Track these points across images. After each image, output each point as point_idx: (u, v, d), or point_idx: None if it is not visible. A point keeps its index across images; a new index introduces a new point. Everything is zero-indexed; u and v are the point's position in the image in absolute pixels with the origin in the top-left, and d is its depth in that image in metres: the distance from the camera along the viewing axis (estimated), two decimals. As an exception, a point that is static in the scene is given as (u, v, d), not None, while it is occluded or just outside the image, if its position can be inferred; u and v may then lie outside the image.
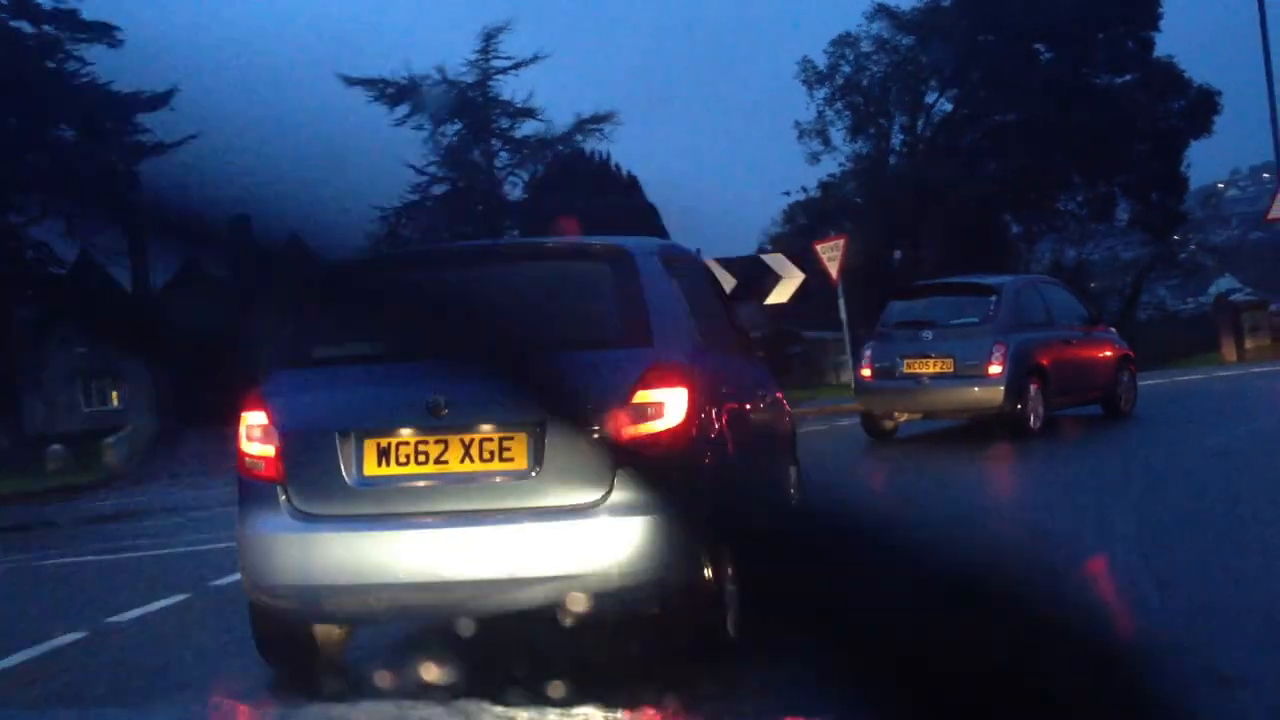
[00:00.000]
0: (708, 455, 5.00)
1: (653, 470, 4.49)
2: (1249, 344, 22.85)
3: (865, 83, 40.93)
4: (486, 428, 4.60)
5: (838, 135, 41.26)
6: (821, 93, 41.38)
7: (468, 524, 4.61)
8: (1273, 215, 22.24)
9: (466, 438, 4.61)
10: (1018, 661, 1.91)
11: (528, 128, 35.33)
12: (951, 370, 12.60)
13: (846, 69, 41.46)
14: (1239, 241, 44.18)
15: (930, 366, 12.71)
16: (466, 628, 4.62)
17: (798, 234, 39.52)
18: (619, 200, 34.75)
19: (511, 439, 4.60)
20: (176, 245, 2.80)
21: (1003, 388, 12.38)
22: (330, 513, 4.71)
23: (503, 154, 35.22)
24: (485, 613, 4.60)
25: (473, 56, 34.67)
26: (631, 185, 37.86)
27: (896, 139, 41.54)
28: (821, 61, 41.11)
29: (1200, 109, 36.56)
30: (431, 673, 4.53)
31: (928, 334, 12.89)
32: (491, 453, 4.62)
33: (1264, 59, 23.17)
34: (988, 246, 38.46)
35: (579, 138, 35.17)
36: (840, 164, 41.54)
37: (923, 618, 2.18)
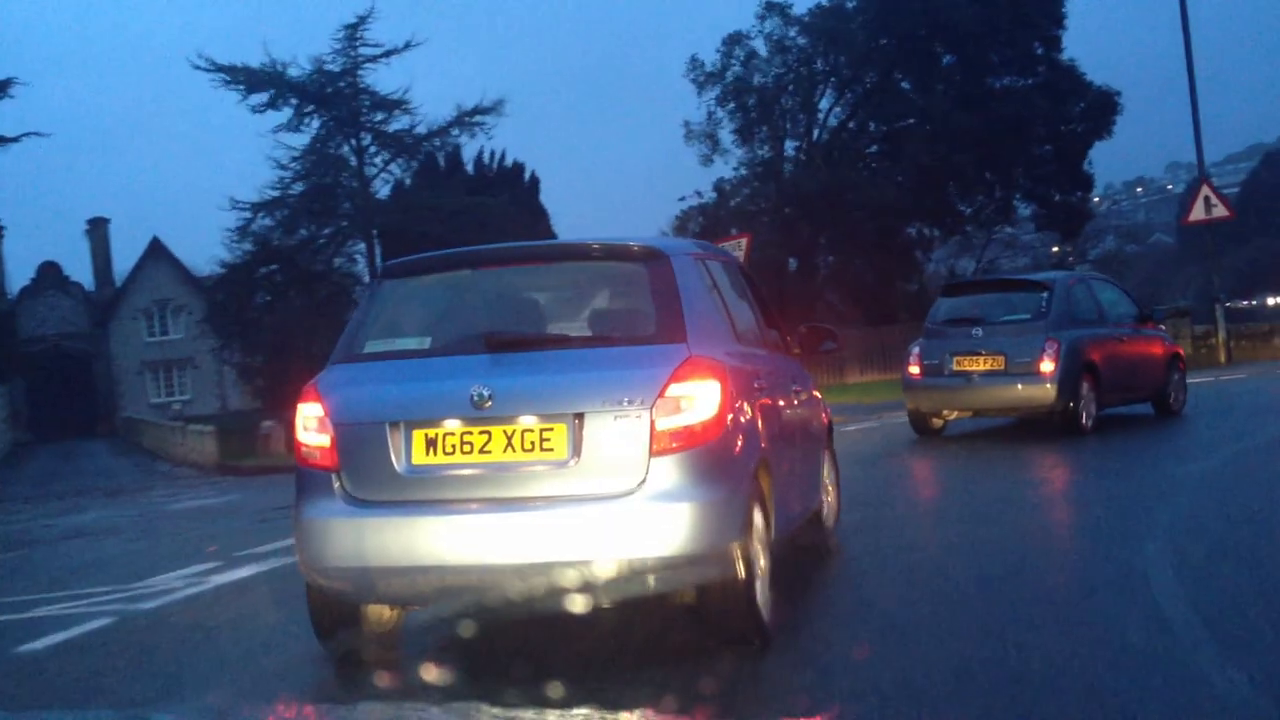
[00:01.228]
0: (740, 446, 5.09)
1: (686, 460, 4.75)
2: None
3: (757, 83, 39.25)
4: (528, 419, 4.79)
5: (728, 138, 39.56)
6: (712, 93, 39.67)
7: (510, 510, 4.77)
8: (1193, 218, 20.95)
9: (509, 429, 4.80)
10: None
11: (402, 122, 32.75)
12: (1002, 368, 12.39)
13: (737, 69, 39.76)
14: (1115, 253, 44.08)
15: (980, 364, 12.52)
16: (490, 620, 5.12)
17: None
18: (502, 199, 32.43)
19: (551, 430, 4.78)
20: None
21: (1055, 385, 12.13)
22: (381, 499, 4.91)
23: (373, 149, 32.52)
24: (527, 595, 4.77)
25: (338, 43, 32.01)
26: (515, 183, 35.50)
27: (792, 143, 39.87)
28: (711, 61, 39.35)
29: (1100, 111, 35.62)
30: (430, 673, 4.90)
31: (977, 331, 12.66)
32: (533, 443, 4.78)
33: (1186, 65, 21.81)
34: (888, 253, 37.08)
35: (456, 131, 32.66)
36: (734, 168, 39.79)
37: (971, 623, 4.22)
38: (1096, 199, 38.33)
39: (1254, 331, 22.71)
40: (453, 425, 4.87)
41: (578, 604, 4.75)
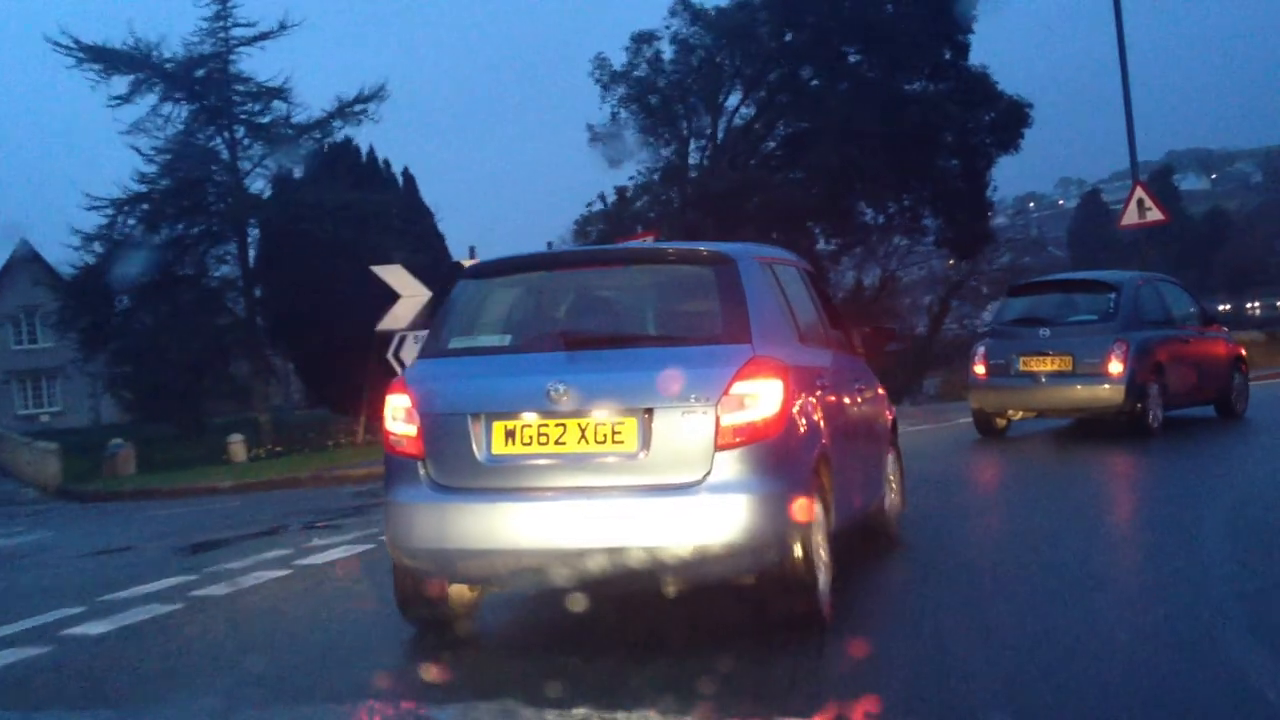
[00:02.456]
0: (801, 441, 5.33)
1: (749, 454, 5.00)
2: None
3: (663, 84, 37.66)
4: (600, 413, 5.03)
5: (633, 139, 37.87)
6: (617, 93, 37.96)
7: (582, 498, 5.01)
8: (1125, 222, 19.75)
9: (583, 422, 5.05)
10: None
11: (280, 111, 30.23)
12: (1070, 369, 12.33)
13: (644, 68, 38.14)
14: (1011, 266, 43.74)
15: (1048, 364, 12.43)
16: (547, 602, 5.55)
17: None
18: (385, 197, 30.16)
19: (623, 424, 5.02)
20: None
21: (1124, 387, 12.07)
22: (463, 486, 5.17)
23: (247, 141, 29.95)
24: (597, 578, 5.00)
25: (206, 23, 29.40)
26: (388, 177, 33.23)
27: (697, 145, 38.30)
28: (618, 60, 37.64)
29: (1010, 121, 34.61)
30: (431, 673, 5.10)
31: (1045, 331, 12.58)
32: (605, 436, 5.03)
33: (1121, 69, 20.66)
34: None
35: (337, 123, 30.28)
36: (636, 174, 38.10)
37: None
38: (989, 213, 37.22)
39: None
40: (530, 418, 5.10)
41: (643, 589, 5.11)
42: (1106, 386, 12.17)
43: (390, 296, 16.90)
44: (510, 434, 5.13)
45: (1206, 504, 8.51)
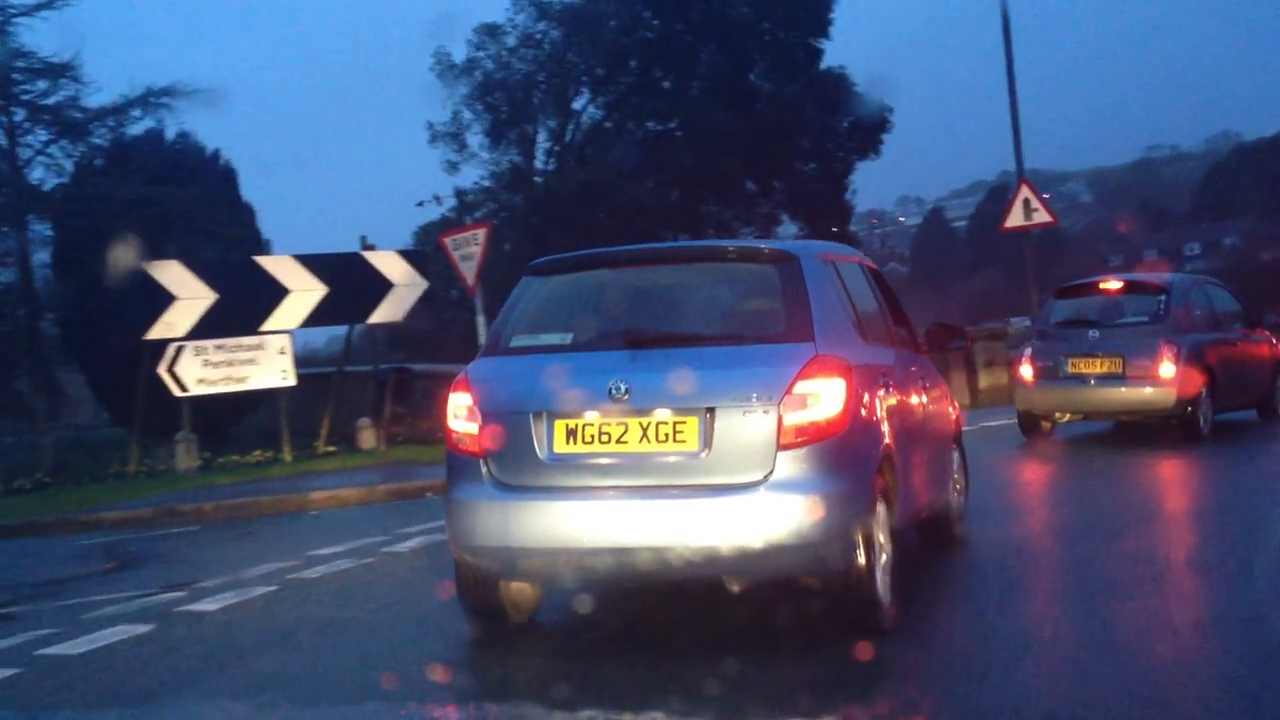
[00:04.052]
0: (864, 441, 5.34)
1: (811, 454, 4.99)
2: (984, 382, 18.57)
3: (508, 80, 35.32)
4: (662, 412, 5.07)
5: (477, 140, 35.42)
6: (460, 90, 35.49)
7: (644, 497, 5.04)
8: (1011, 223, 18.18)
9: (644, 421, 5.08)
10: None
11: (69, 92, 26.60)
12: (1120, 371, 12.31)
13: (488, 64, 35.73)
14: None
15: (1097, 366, 12.41)
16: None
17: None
18: (192, 192, 26.87)
19: (684, 423, 5.04)
20: None
21: (1175, 389, 12.03)
22: (525, 484, 5.21)
23: (28, 124, 26.30)
24: (657, 577, 5.09)
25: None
26: (209, 174, 29.93)
27: (544, 146, 36.01)
28: (461, 54, 35.14)
29: (869, 125, 33.33)
30: (437, 673, 5.08)
31: (1094, 333, 12.56)
32: (666, 435, 5.05)
33: (1007, 74, 19.19)
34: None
35: (138, 112, 26.87)
36: (482, 176, 35.56)
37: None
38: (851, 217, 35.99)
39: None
40: (592, 416, 5.14)
41: (704, 587, 5.24)
42: (1157, 389, 12.07)
43: (165, 299, 14.18)
44: (572, 433, 5.15)
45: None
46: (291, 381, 15.16)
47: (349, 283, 15.35)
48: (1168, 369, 12.05)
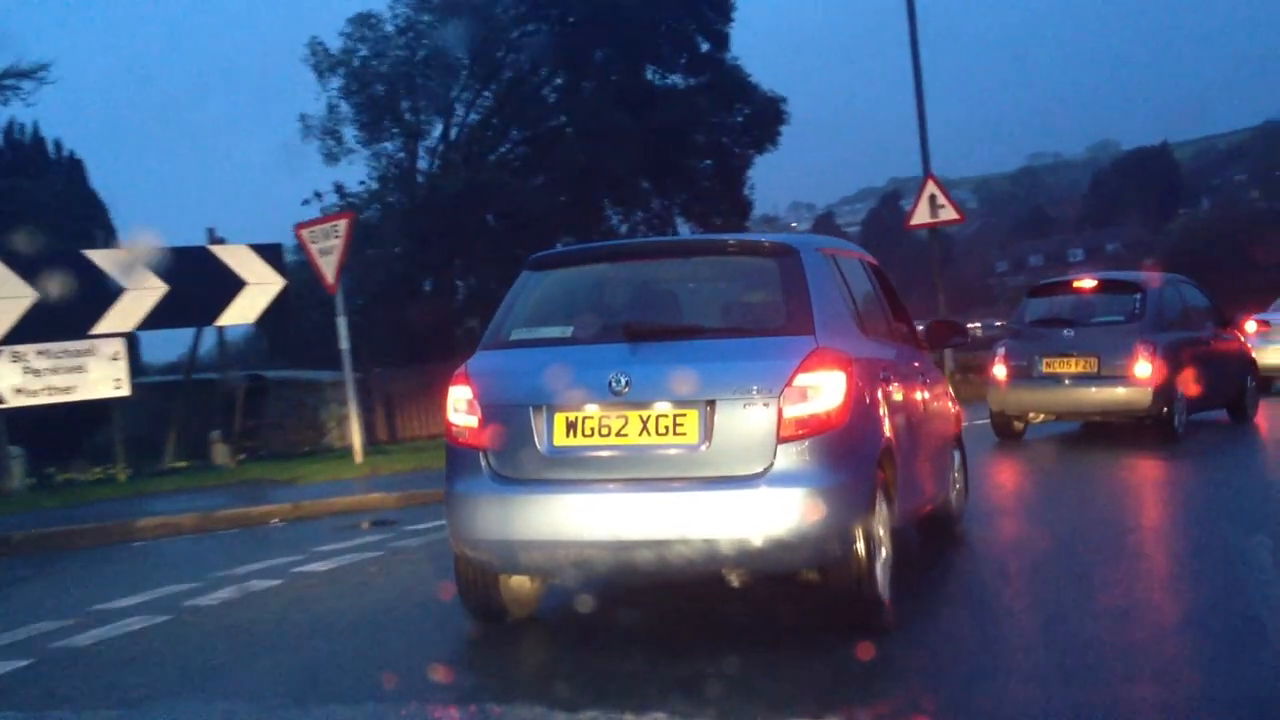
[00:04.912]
0: (864, 435, 5.32)
1: (811, 447, 4.98)
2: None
3: (386, 72, 33.51)
4: (662, 405, 5.07)
5: (353, 135, 33.51)
6: (335, 82, 33.53)
7: (644, 490, 5.03)
8: (916, 220, 17.22)
9: (644, 414, 5.07)
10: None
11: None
12: (1095, 370, 12.22)
13: (365, 55, 33.86)
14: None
15: (1072, 366, 12.32)
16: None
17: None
18: (46, 184, 24.81)
19: (684, 415, 5.04)
20: None
21: (1151, 390, 11.94)
22: (525, 477, 5.19)
23: None
24: (657, 570, 5.04)
25: None
26: (54, 166, 27.74)
27: (426, 144, 34.28)
28: (336, 44, 33.22)
29: (766, 120, 32.25)
30: (439, 673, 4.98)
31: (1069, 332, 12.45)
32: (666, 428, 5.04)
33: (913, 65, 18.23)
34: (536, 271, 32.16)
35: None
36: (366, 177, 33.72)
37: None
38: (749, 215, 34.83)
39: (971, 363, 19.36)
40: (592, 409, 5.13)
41: (706, 583, 5.24)
42: (1133, 389, 11.95)
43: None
44: (572, 425, 5.15)
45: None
46: (125, 391, 13.43)
47: (194, 281, 13.69)
48: (1144, 368, 11.91)
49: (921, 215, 16.97)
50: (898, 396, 6.01)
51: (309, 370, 21.15)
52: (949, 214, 16.89)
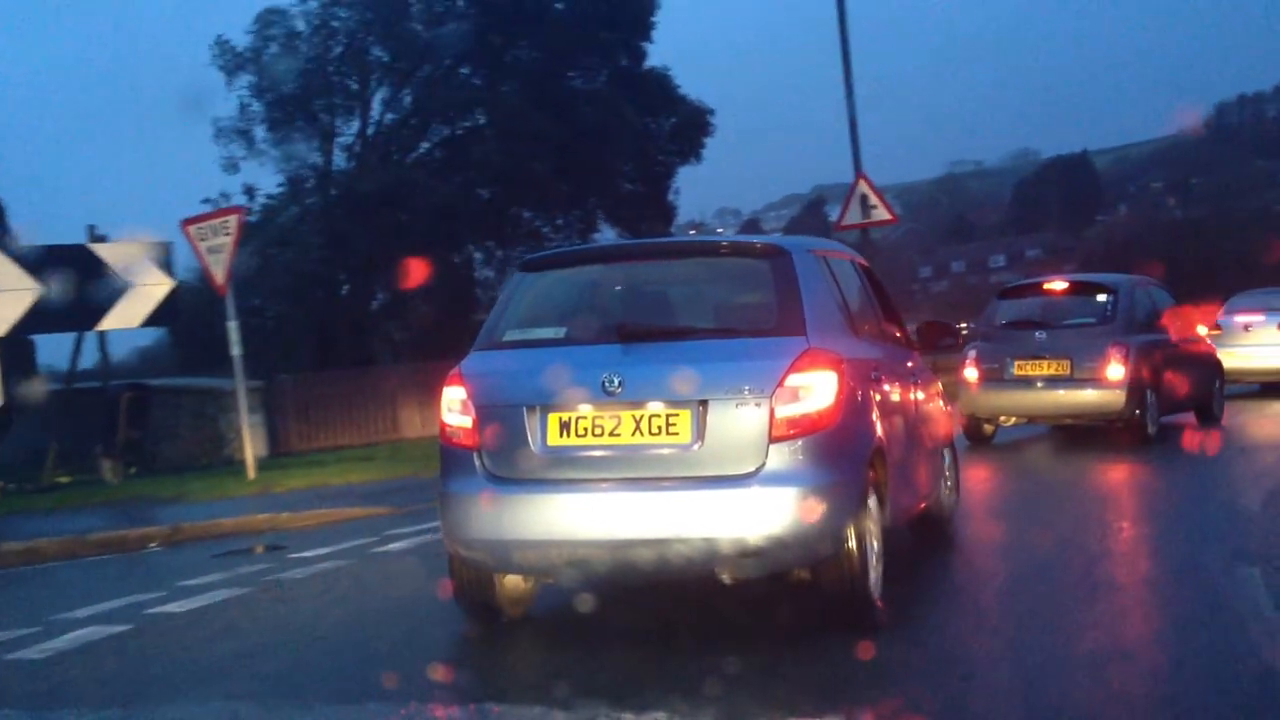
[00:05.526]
0: (855, 434, 5.37)
1: (803, 446, 5.02)
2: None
3: (298, 70, 32.28)
4: (655, 405, 5.12)
5: (264, 135, 32.17)
6: (244, 81, 32.18)
7: (637, 489, 5.07)
8: (847, 222, 16.62)
9: (637, 414, 5.12)
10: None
11: None
12: (1068, 373, 12.08)
13: (275, 52, 32.57)
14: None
15: (1044, 368, 12.19)
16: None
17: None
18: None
19: (677, 415, 5.09)
20: None
21: (1124, 392, 11.87)
22: (518, 477, 5.23)
23: None
24: (651, 569, 5.09)
25: None
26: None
27: (342, 144, 33.05)
28: (243, 41, 31.90)
29: (692, 128, 31.62)
30: (439, 672, 4.98)
31: (1040, 335, 12.31)
32: (659, 427, 5.09)
33: (844, 67, 17.69)
34: (455, 277, 31.19)
35: None
36: (278, 178, 32.43)
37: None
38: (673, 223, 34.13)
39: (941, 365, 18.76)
40: (585, 409, 5.17)
41: (702, 583, 5.23)
42: (1106, 391, 11.84)
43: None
44: (565, 425, 5.17)
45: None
46: (-2, 401, 12.28)
47: (72, 281, 12.58)
48: (1116, 370, 11.78)
49: (853, 216, 16.36)
50: (889, 397, 6.05)
51: (211, 377, 19.97)
52: (881, 215, 16.30)
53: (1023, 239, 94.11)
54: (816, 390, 5.06)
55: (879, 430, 5.62)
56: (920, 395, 6.90)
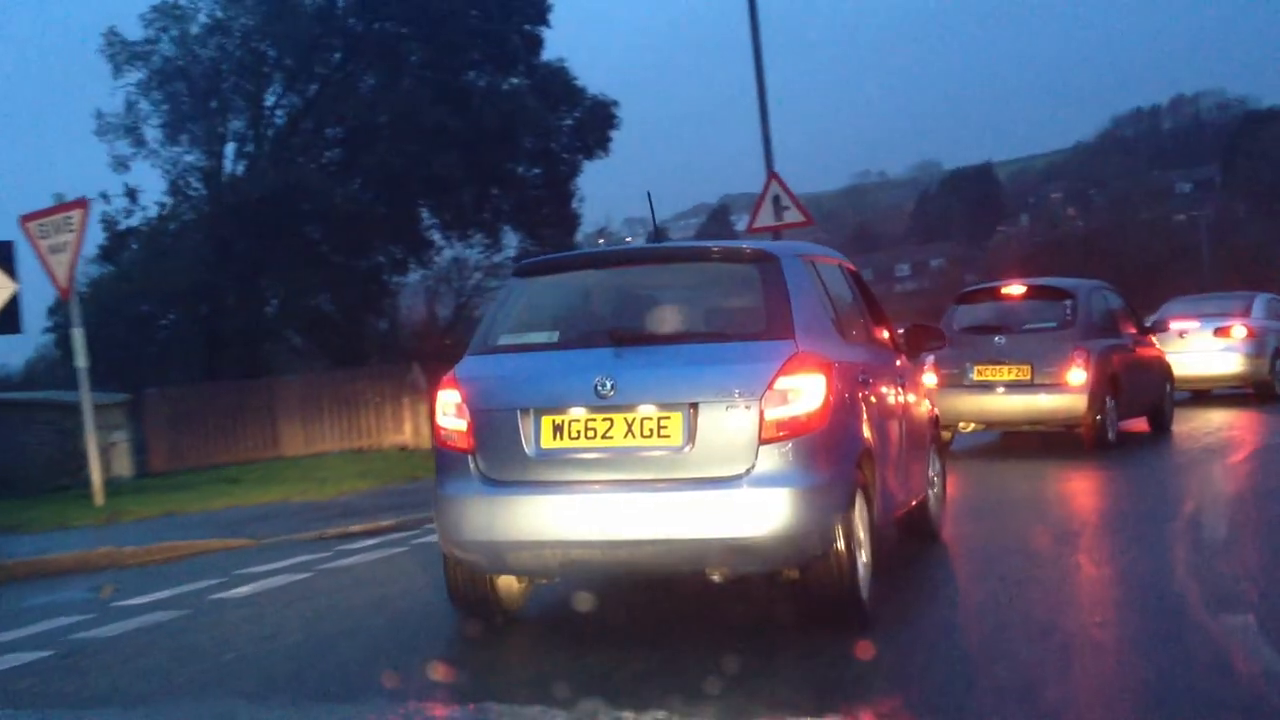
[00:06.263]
0: (843, 436, 5.46)
1: (792, 448, 5.11)
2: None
3: (191, 68, 30.82)
4: (647, 408, 5.21)
5: (155, 134, 30.63)
6: (134, 76, 30.65)
7: (629, 491, 5.17)
8: (759, 224, 15.80)
9: (629, 417, 5.22)
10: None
11: None
12: (1028, 378, 11.91)
13: (168, 47, 31.08)
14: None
15: (1005, 373, 12.04)
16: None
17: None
18: None
19: (668, 418, 5.18)
20: None
21: (1086, 397, 11.72)
22: (513, 479, 5.34)
23: None
24: (643, 569, 5.34)
25: None
26: None
27: (234, 145, 31.62)
28: (136, 34, 30.36)
29: (596, 124, 30.63)
30: (439, 672, 5.03)
31: (1000, 339, 12.16)
32: (651, 430, 5.18)
33: (755, 65, 16.93)
34: (353, 281, 29.88)
35: None
36: (165, 179, 30.83)
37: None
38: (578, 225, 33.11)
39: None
40: (578, 413, 5.26)
41: (687, 581, 5.44)
42: (1067, 397, 11.66)
43: None
44: (559, 428, 5.26)
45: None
46: None
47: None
48: (1078, 375, 11.62)
49: (765, 218, 15.54)
50: (876, 399, 6.14)
51: (72, 391, 18.46)
52: (795, 216, 15.48)
53: (926, 248, 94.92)
54: (805, 393, 5.16)
55: (867, 432, 5.73)
56: (907, 398, 6.98)
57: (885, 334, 7.09)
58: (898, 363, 7.09)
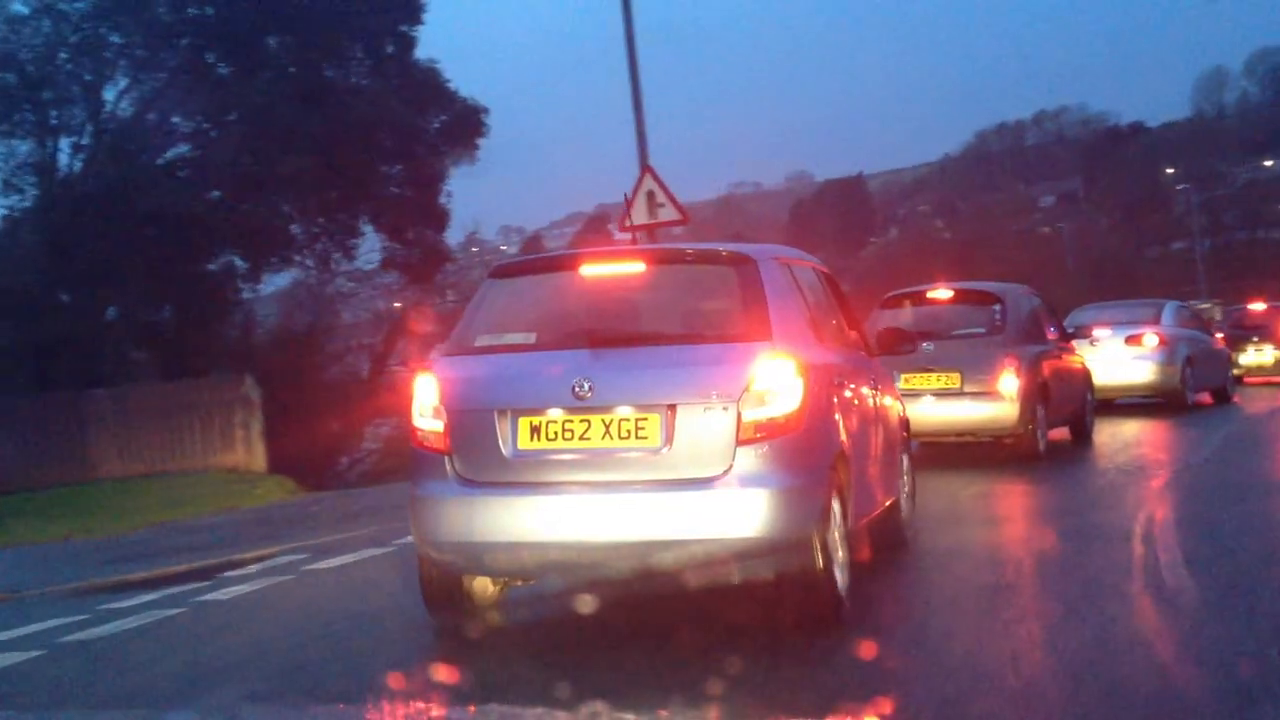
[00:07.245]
0: (819, 438, 5.55)
1: (769, 450, 5.17)
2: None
3: (20, 56, 28.80)
4: (624, 409, 5.26)
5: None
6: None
7: (607, 493, 5.21)
8: (636, 221, 14.77)
9: (607, 418, 5.26)
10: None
11: None
12: (958, 386, 11.60)
13: (-2, 33, 28.99)
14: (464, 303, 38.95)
15: (934, 382, 11.66)
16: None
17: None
18: None
19: (646, 419, 5.23)
20: None
21: (1017, 406, 11.42)
22: (489, 480, 5.38)
23: None
24: (620, 570, 5.27)
25: None
26: None
27: (69, 139, 29.55)
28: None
29: (464, 129, 29.50)
30: (440, 673, 5.05)
31: (928, 346, 11.36)
32: (628, 431, 5.23)
33: (629, 62, 16.05)
34: (197, 286, 28.06)
35: None
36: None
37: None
38: (474, 233, 32.02)
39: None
40: (555, 414, 5.30)
41: (665, 581, 5.31)
42: (999, 406, 11.35)
43: None
44: (536, 430, 5.30)
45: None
46: None
47: None
48: (1010, 383, 11.29)
49: (639, 215, 14.51)
50: (851, 401, 6.23)
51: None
52: (670, 214, 14.52)
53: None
54: (782, 395, 5.22)
55: (842, 434, 5.81)
56: (880, 400, 7.09)
57: (858, 336, 7.16)
58: (871, 365, 7.17)
